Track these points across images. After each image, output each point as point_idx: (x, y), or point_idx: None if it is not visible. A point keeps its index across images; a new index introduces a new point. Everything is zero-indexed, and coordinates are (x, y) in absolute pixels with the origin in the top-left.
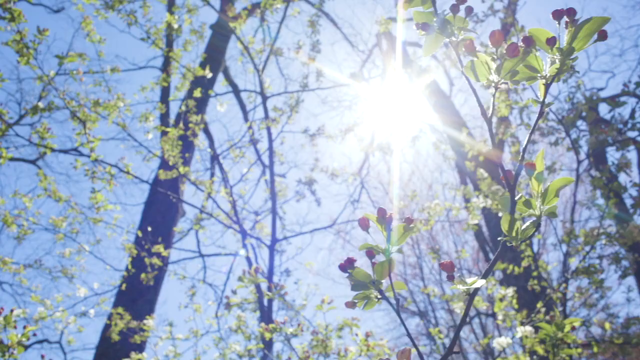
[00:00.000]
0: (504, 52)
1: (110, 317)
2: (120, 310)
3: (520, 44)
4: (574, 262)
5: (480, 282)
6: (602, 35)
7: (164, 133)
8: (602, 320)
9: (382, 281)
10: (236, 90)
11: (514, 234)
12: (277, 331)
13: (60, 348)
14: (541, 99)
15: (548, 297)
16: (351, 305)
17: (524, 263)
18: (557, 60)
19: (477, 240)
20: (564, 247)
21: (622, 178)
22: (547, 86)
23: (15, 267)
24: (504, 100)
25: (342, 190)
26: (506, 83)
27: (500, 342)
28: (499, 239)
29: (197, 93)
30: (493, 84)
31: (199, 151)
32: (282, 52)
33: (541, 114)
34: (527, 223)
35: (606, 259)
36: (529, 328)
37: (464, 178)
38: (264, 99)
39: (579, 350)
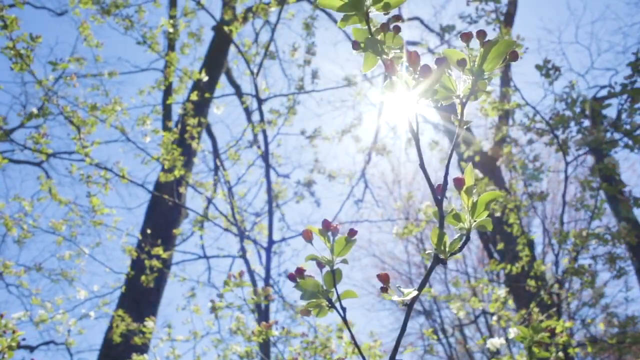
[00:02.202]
0: (418, 73)
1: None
2: (120, 312)
3: (433, 65)
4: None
5: (414, 294)
6: (513, 57)
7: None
8: (606, 320)
9: (332, 290)
10: (239, 91)
11: (442, 247)
12: (263, 334)
13: (67, 349)
14: (459, 117)
15: (540, 298)
16: (305, 312)
17: (520, 264)
18: (469, 81)
19: (481, 239)
20: (556, 248)
21: (627, 176)
22: (462, 105)
23: (16, 271)
24: (491, 103)
25: (346, 190)
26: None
27: (493, 342)
28: (426, 252)
29: (194, 96)
30: (414, 103)
31: (203, 152)
32: (275, 55)
33: (459, 132)
34: (455, 237)
35: (600, 258)
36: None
37: None
38: (259, 102)
39: (576, 349)
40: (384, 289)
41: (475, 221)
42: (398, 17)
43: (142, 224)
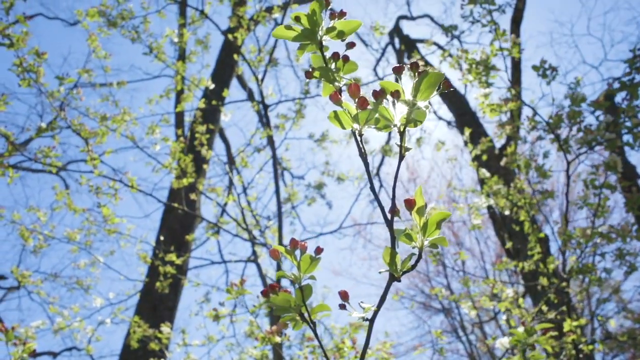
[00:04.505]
0: (357, 103)
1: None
2: (136, 319)
3: (370, 96)
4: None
5: (372, 310)
6: (446, 86)
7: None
8: (624, 316)
9: (303, 305)
10: (250, 94)
11: (394, 266)
12: (266, 341)
13: (89, 355)
14: (401, 144)
15: (546, 297)
16: (283, 325)
17: (529, 262)
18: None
19: (498, 236)
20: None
21: None
22: (401, 134)
23: (33, 280)
24: (489, 105)
25: (361, 190)
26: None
27: (502, 342)
28: (379, 271)
29: (202, 104)
30: (356, 131)
31: (217, 156)
32: (277, 62)
33: (401, 157)
34: (406, 256)
35: (610, 255)
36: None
37: None
38: (265, 108)
39: (590, 346)
40: (342, 306)
41: (427, 240)
42: (352, 45)
43: (158, 229)
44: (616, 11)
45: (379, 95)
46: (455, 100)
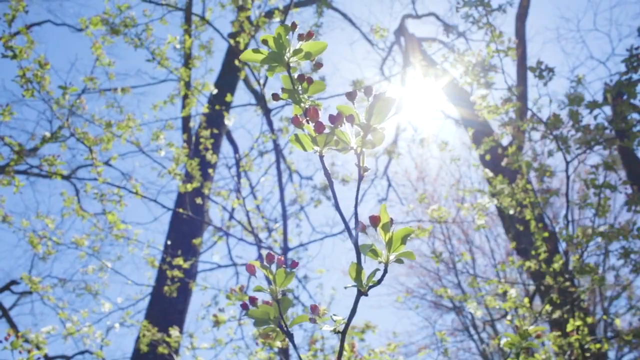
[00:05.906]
0: (314, 127)
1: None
2: (145, 323)
3: (327, 121)
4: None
5: (344, 322)
6: (399, 109)
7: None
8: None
9: (282, 317)
10: (257, 96)
11: (360, 281)
12: (266, 345)
13: (102, 359)
14: (361, 165)
15: (549, 297)
16: (264, 336)
17: (533, 261)
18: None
19: (507, 234)
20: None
21: None
22: (358, 156)
23: (43, 286)
24: (487, 107)
25: (369, 190)
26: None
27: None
28: (344, 287)
29: (206, 109)
30: (318, 153)
31: (225, 159)
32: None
33: (360, 178)
34: (372, 271)
35: (614, 254)
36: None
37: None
38: (267, 112)
39: (597, 345)
40: (313, 320)
41: (392, 255)
42: (319, 65)
43: (167, 232)
44: (622, 5)
45: (336, 120)
46: (461, 98)
